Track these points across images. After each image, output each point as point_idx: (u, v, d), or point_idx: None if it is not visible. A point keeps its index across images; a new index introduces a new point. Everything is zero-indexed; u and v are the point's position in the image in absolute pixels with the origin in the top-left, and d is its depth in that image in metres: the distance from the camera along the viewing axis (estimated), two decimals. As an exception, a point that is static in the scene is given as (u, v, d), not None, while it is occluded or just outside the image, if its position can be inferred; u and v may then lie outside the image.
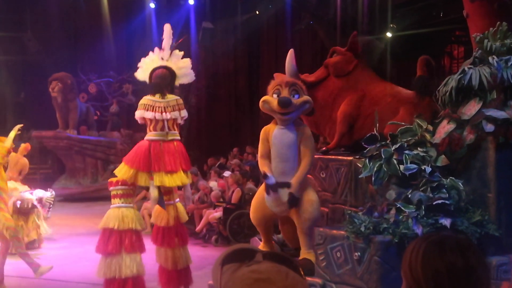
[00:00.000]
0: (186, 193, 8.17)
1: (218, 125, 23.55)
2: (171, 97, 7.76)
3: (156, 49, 7.95)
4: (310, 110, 6.52)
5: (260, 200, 6.71)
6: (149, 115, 7.59)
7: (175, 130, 7.76)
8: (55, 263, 10.47)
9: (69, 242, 12.45)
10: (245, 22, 21.24)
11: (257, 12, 21.32)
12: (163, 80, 7.79)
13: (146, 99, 7.70)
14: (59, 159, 21.22)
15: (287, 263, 1.57)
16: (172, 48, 7.86)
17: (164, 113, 7.61)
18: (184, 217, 8.13)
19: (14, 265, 9.72)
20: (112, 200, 7.67)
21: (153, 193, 7.59)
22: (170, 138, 7.72)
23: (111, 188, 7.68)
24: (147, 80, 7.88)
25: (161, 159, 7.56)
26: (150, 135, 7.67)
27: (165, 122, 7.63)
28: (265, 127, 6.55)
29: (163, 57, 7.86)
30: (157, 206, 7.79)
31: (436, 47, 19.07)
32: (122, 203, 7.55)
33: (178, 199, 8.11)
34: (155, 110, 7.60)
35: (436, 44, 18.85)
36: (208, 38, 20.50)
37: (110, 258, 7.46)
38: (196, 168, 16.69)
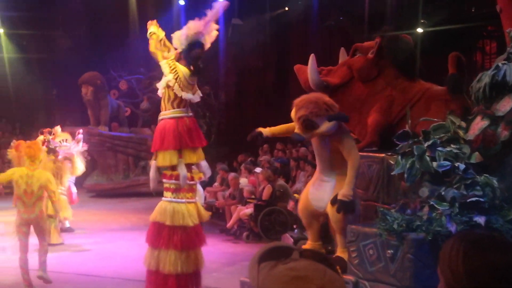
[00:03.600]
0: (203, 168, 8.02)
1: (248, 121, 23.56)
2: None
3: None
4: (337, 126, 6.49)
5: (305, 194, 6.89)
6: (184, 94, 7.53)
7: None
8: (89, 259, 10.63)
9: (102, 237, 12.59)
10: (274, 18, 21.23)
11: (286, 8, 21.29)
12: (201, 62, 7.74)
13: (180, 71, 7.52)
14: (90, 155, 21.47)
15: (324, 261, 1.58)
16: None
17: (194, 95, 7.63)
18: (205, 216, 8.00)
19: (48, 260, 9.86)
20: (165, 192, 7.59)
21: (184, 171, 7.49)
22: (190, 114, 7.72)
23: (164, 180, 7.62)
24: (180, 47, 7.63)
25: (189, 135, 7.54)
26: (176, 112, 7.55)
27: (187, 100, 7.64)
28: None
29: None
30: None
31: (468, 43, 18.84)
32: (174, 197, 7.51)
33: (197, 198, 8.05)
34: (185, 88, 7.54)
35: (467, 39, 18.61)
36: (237, 34, 20.52)
37: (157, 251, 7.43)
38: (226, 165, 16.75)
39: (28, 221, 8.54)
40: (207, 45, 7.77)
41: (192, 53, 7.56)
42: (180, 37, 7.57)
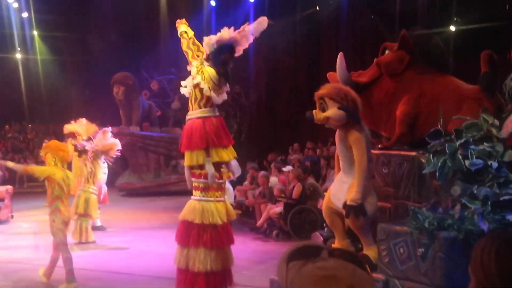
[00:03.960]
0: (232, 167, 8.07)
1: (278, 121, 23.57)
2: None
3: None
4: (345, 120, 6.46)
5: (328, 193, 6.90)
6: (212, 94, 7.62)
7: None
8: (120, 257, 10.73)
9: (132, 236, 12.70)
10: (305, 18, 21.19)
11: (317, 8, 21.23)
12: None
13: (206, 72, 7.58)
14: (122, 155, 21.67)
15: (353, 260, 1.57)
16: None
17: (221, 95, 7.70)
18: (233, 215, 8.04)
19: (80, 258, 9.98)
20: (194, 191, 7.65)
21: (211, 169, 7.55)
22: (217, 114, 7.77)
23: (193, 179, 7.72)
24: (212, 49, 7.63)
25: (216, 135, 7.59)
26: (203, 112, 7.62)
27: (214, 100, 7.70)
28: None
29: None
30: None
31: (502, 41, 18.57)
32: (203, 196, 7.58)
33: (227, 197, 8.10)
34: (213, 88, 7.61)
35: (501, 37, 18.35)
36: (269, 34, 20.50)
37: (186, 250, 7.49)
38: (256, 164, 16.77)
39: (69, 220, 8.86)
40: (239, 52, 7.80)
41: (221, 57, 7.59)
42: (211, 40, 7.60)
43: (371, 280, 1.56)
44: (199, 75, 7.56)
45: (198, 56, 7.80)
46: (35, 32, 23.64)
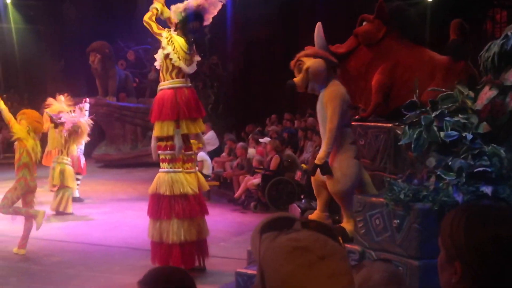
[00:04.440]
0: (201, 140, 8.12)
1: (256, 93, 23.51)
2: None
3: None
4: (324, 71, 6.40)
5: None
6: (182, 64, 7.57)
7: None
8: (97, 228, 10.72)
9: (110, 207, 12.68)
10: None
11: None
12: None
13: (176, 42, 7.55)
14: (99, 125, 21.53)
15: (326, 231, 1.57)
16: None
17: (191, 65, 7.66)
18: (206, 186, 8.04)
19: (58, 229, 9.95)
20: (161, 164, 7.66)
21: (180, 142, 7.50)
22: (189, 84, 7.73)
23: (159, 151, 7.68)
24: (176, 18, 7.60)
25: (187, 106, 7.55)
26: (174, 82, 7.59)
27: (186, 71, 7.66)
28: None
29: None
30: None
31: (478, 11, 18.62)
32: (171, 168, 7.56)
33: (197, 168, 8.10)
34: (182, 58, 7.57)
35: (477, 8, 18.40)
36: (245, 4, 20.35)
37: (159, 222, 7.49)
38: (234, 135, 16.75)
39: (34, 189, 8.82)
40: (207, 21, 7.74)
41: (190, 25, 7.54)
42: (178, 9, 7.53)
43: (344, 252, 1.56)
44: (169, 46, 7.50)
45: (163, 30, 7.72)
46: (8, 0, 23.24)
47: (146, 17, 7.74)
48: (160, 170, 7.63)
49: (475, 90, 6.21)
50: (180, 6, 7.51)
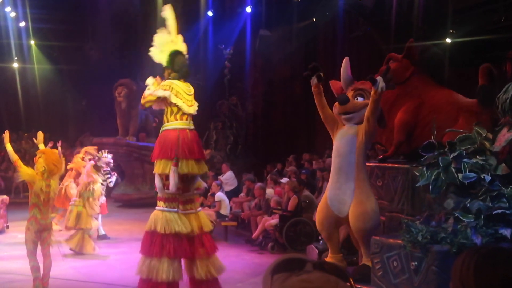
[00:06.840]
0: (202, 183, 8.22)
1: (275, 132, 23.56)
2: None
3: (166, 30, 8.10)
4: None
5: (323, 202, 6.84)
6: (180, 103, 7.66)
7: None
8: (114, 268, 10.69)
9: (127, 247, 12.65)
10: (302, 29, 21.20)
11: (314, 19, 21.27)
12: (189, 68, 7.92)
13: (177, 86, 7.77)
14: (118, 165, 21.65)
15: (337, 273, 1.57)
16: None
17: (192, 107, 7.77)
18: (208, 226, 8.04)
19: (74, 269, 9.94)
20: (158, 202, 7.78)
21: (175, 179, 7.55)
22: (192, 127, 7.82)
23: (157, 190, 7.76)
24: (164, 62, 7.87)
25: (189, 147, 7.61)
26: (178, 123, 7.72)
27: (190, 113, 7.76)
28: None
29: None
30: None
31: (498, 53, 18.63)
32: (166, 207, 7.64)
33: (200, 208, 8.13)
34: (185, 100, 7.68)
35: (497, 50, 18.41)
36: (265, 45, 20.55)
37: (149, 259, 7.50)
38: (252, 175, 16.74)
39: (46, 227, 8.72)
40: (185, 51, 7.92)
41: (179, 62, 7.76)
42: (157, 54, 7.91)
43: (355, 293, 1.56)
44: (168, 91, 7.69)
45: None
46: (32, 42, 23.68)
47: (143, 101, 7.96)
48: (156, 208, 7.73)
49: (493, 132, 6.20)
50: (155, 51, 7.88)
